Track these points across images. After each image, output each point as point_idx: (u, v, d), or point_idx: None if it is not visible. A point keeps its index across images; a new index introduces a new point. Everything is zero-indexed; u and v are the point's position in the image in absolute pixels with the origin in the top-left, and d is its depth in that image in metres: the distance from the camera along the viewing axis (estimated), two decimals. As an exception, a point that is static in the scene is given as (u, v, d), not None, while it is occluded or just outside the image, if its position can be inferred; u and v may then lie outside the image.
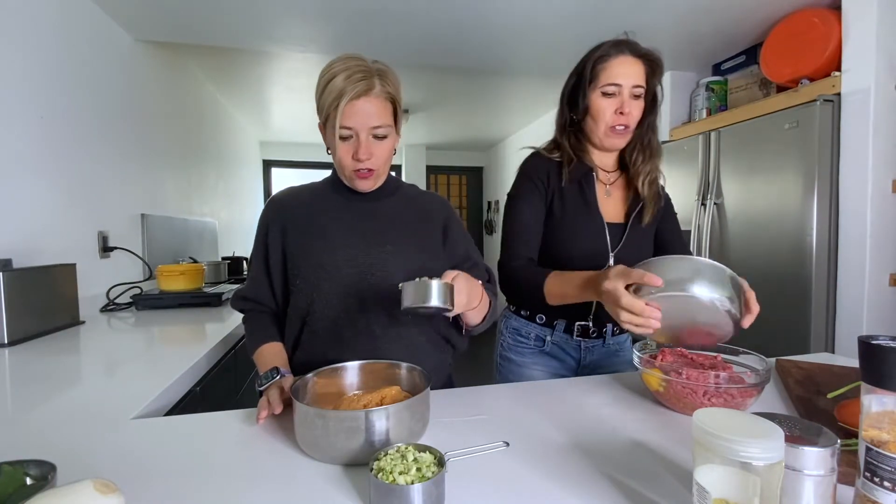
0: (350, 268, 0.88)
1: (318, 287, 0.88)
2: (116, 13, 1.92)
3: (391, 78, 0.85)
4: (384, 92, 0.83)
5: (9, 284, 1.23)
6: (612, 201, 1.11)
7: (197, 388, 1.10)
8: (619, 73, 0.99)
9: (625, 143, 1.07)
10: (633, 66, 1.00)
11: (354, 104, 0.81)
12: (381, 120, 0.83)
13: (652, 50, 1.03)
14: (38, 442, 0.69)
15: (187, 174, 2.81)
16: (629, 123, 1.02)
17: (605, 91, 1.01)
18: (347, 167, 0.87)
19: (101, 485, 0.44)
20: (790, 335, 1.84)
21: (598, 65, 1.01)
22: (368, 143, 0.84)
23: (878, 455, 0.43)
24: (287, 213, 0.94)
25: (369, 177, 0.88)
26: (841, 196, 1.77)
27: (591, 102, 1.03)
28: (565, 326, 1.12)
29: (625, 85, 0.99)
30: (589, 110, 1.04)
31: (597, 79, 1.01)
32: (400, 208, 0.96)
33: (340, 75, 0.80)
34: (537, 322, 1.13)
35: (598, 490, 0.55)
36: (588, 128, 1.07)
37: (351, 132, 0.83)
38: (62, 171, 1.62)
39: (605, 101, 1.01)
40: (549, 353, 1.14)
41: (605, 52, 1.01)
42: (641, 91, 1.01)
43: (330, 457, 0.61)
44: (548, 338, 1.13)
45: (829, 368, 0.95)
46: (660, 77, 1.05)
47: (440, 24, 2.09)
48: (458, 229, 1.01)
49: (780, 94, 1.98)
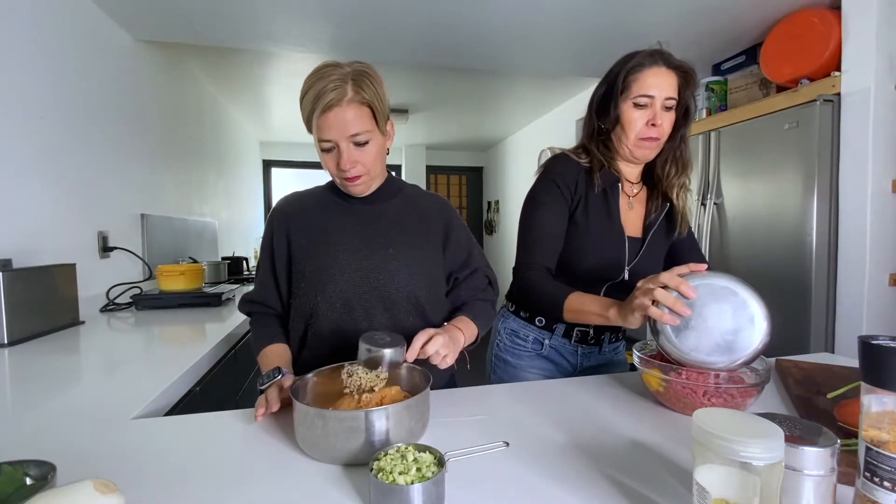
0: (352, 270, 0.89)
1: (321, 290, 0.89)
2: (116, 13, 1.92)
3: (368, 80, 0.83)
4: (358, 97, 0.81)
5: (9, 284, 1.23)
6: (633, 214, 1.10)
7: (197, 388, 1.10)
8: (651, 85, 0.97)
9: (654, 154, 1.04)
10: (667, 77, 0.98)
11: (328, 116, 0.80)
12: (358, 127, 0.82)
13: (686, 62, 1.00)
14: (38, 442, 0.69)
15: (187, 174, 2.81)
16: (660, 136, 1.01)
17: (637, 102, 0.99)
18: (336, 176, 0.89)
19: (101, 485, 0.44)
20: (790, 335, 1.84)
21: (630, 75, 0.99)
22: (350, 151, 0.84)
23: (877, 455, 0.43)
24: (291, 219, 0.95)
25: (359, 181, 0.88)
26: (841, 196, 1.77)
27: (621, 112, 1.01)
28: (564, 331, 1.11)
29: (657, 97, 0.97)
30: (619, 120, 1.01)
31: (629, 89, 0.99)
32: (402, 210, 0.96)
33: (312, 88, 0.80)
34: (536, 325, 1.12)
35: (598, 490, 0.55)
36: (617, 137, 1.04)
37: (331, 143, 0.83)
38: (62, 171, 1.62)
39: (637, 112, 0.99)
40: (547, 356, 1.13)
41: (639, 62, 0.99)
42: (673, 103, 0.99)
43: (330, 457, 0.61)
44: (546, 341, 1.12)
45: (829, 368, 0.95)
46: (693, 89, 1.02)
47: (440, 24, 2.09)
48: (461, 233, 1.01)
49: (780, 95, 1.98)
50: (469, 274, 1.00)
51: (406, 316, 0.91)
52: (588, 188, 1.06)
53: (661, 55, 0.99)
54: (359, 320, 0.88)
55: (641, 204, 1.12)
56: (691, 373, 0.75)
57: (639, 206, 1.12)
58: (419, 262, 0.93)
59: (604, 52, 2.44)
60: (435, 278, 0.96)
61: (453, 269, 0.99)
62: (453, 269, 0.99)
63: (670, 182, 1.07)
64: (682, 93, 1.01)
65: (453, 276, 0.99)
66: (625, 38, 2.26)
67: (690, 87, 1.02)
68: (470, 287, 1.00)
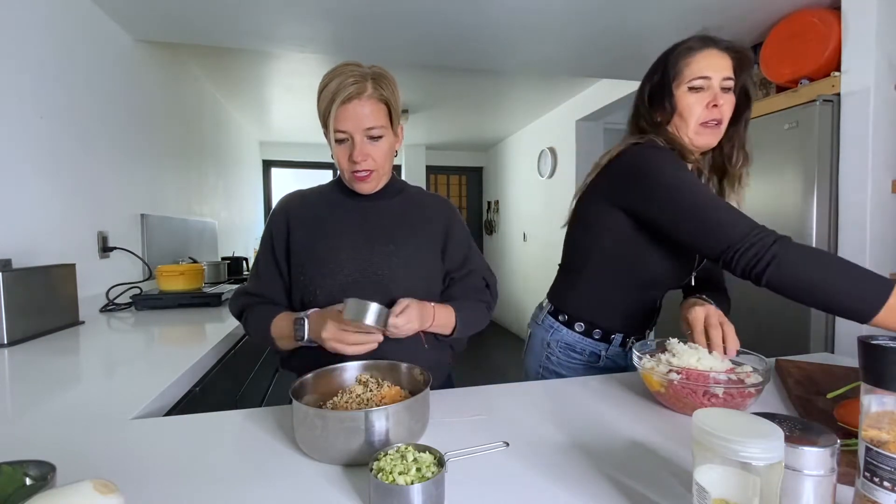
0: (352, 266, 0.90)
1: (320, 284, 0.89)
2: (116, 13, 1.92)
3: (386, 81, 0.87)
4: (377, 94, 0.85)
5: (9, 284, 1.23)
6: None
7: (197, 388, 1.10)
8: (706, 66, 0.93)
9: (717, 140, 0.98)
10: (721, 58, 0.94)
11: (346, 107, 0.83)
12: (374, 122, 0.85)
13: (738, 43, 0.96)
14: (38, 442, 0.69)
15: (187, 174, 2.81)
16: (721, 118, 0.95)
17: (693, 86, 0.94)
18: (346, 170, 0.89)
19: (101, 485, 0.44)
20: (790, 335, 1.84)
21: (681, 59, 0.95)
22: (363, 144, 0.86)
23: (877, 455, 0.43)
24: (293, 213, 0.96)
25: (368, 178, 0.89)
26: (841, 196, 1.77)
27: (678, 100, 0.96)
28: (621, 340, 1.06)
29: (714, 77, 0.93)
30: (676, 108, 0.96)
31: (681, 74, 0.95)
32: (404, 209, 0.97)
33: (334, 81, 0.84)
34: (594, 337, 1.06)
35: (598, 490, 0.55)
36: (675, 128, 0.98)
37: (346, 135, 0.86)
38: (62, 171, 1.62)
39: (694, 97, 0.94)
40: (603, 367, 1.07)
41: (689, 46, 0.95)
42: (731, 84, 0.95)
43: (329, 457, 0.61)
44: (602, 353, 1.06)
45: (828, 368, 0.95)
46: (749, 72, 0.97)
47: (440, 24, 2.09)
48: (461, 234, 1.01)
49: (780, 95, 1.98)
50: (465, 274, 0.99)
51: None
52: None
53: (711, 39, 0.95)
54: None
55: None
56: (691, 373, 0.75)
57: None
58: (419, 260, 0.93)
59: (604, 53, 2.44)
60: (434, 277, 0.96)
61: (451, 268, 0.99)
62: (451, 268, 0.99)
63: (737, 171, 1.02)
64: (738, 75, 0.96)
65: (449, 276, 0.99)
66: (625, 39, 2.26)
67: (746, 70, 0.97)
68: (465, 287, 0.99)
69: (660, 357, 0.83)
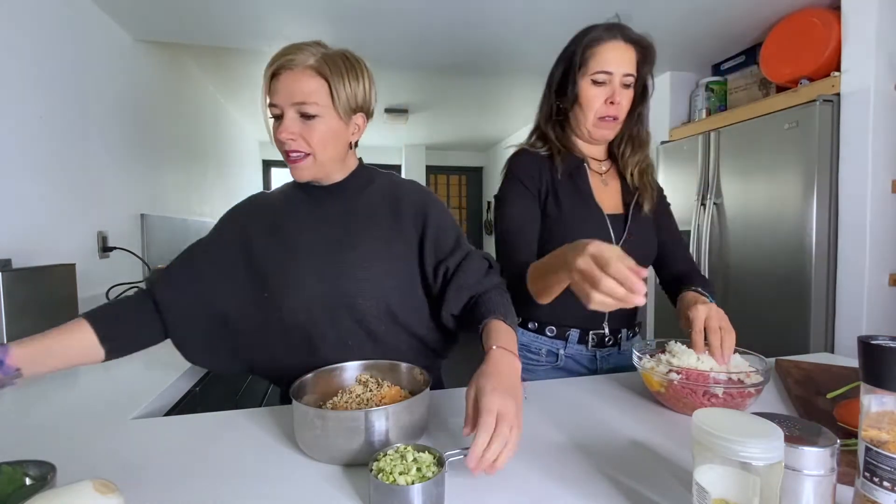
0: (316, 278, 0.81)
1: (285, 296, 0.81)
2: (116, 13, 1.92)
3: (343, 62, 0.78)
4: (315, 67, 0.76)
5: (8, 284, 1.22)
6: (609, 191, 1.06)
7: (197, 388, 1.10)
8: (609, 60, 0.94)
9: (613, 134, 1.02)
10: (625, 52, 0.95)
11: (279, 77, 0.76)
12: (305, 95, 0.75)
13: (644, 36, 0.98)
14: (38, 442, 0.69)
15: (187, 174, 2.81)
16: (618, 115, 0.98)
17: (596, 79, 0.95)
18: (280, 150, 0.81)
19: (101, 485, 0.44)
20: (790, 335, 1.84)
21: (587, 49, 0.96)
22: (293, 121, 0.77)
23: (877, 455, 0.43)
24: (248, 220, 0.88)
25: (300, 162, 0.79)
26: (840, 196, 1.77)
27: (580, 90, 0.97)
28: (579, 337, 1.03)
29: (615, 73, 0.94)
30: (578, 99, 0.98)
31: (586, 65, 0.96)
32: (372, 204, 0.88)
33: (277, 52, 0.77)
34: (547, 335, 1.03)
35: (598, 490, 0.55)
36: (575, 117, 1.01)
37: (278, 109, 0.78)
38: (62, 170, 1.62)
39: (595, 90, 0.96)
40: (563, 367, 1.04)
41: (597, 36, 0.96)
42: (632, 80, 0.97)
43: (329, 457, 0.61)
44: (560, 351, 1.03)
45: (828, 368, 0.95)
46: (651, 65, 0.99)
47: (440, 24, 2.09)
48: (442, 219, 0.89)
49: (780, 95, 1.98)
50: (463, 258, 0.84)
51: (377, 323, 0.83)
52: (552, 176, 1.02)
53: (619, 28, 0.96)
54: (325, 331, 0.81)
55: (615, 179, 1.08)
56: (691, 373, 0.75)
57: (613, 182, 1.08)
58: (389, 264, 0.84)
59: (604, 52, 2.44)
60: (408, 280, 0.86)
61: (441, 257, 0.85)
62: (441, 257, 0.85)
63: (625, 161, 1.05)
64: (640, 69, 0.98)
65: (443, 265, 0.84)
66: (625, 38, 2.26)
67: (649, 63, 0.99)
68: (473, 272, 0.83)
69: (660, 357, 0.83)
